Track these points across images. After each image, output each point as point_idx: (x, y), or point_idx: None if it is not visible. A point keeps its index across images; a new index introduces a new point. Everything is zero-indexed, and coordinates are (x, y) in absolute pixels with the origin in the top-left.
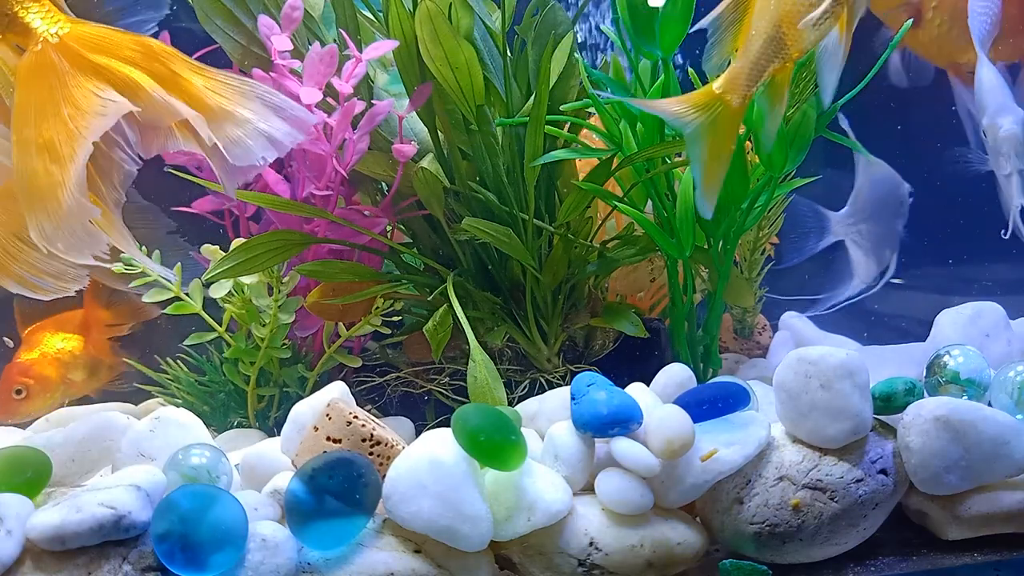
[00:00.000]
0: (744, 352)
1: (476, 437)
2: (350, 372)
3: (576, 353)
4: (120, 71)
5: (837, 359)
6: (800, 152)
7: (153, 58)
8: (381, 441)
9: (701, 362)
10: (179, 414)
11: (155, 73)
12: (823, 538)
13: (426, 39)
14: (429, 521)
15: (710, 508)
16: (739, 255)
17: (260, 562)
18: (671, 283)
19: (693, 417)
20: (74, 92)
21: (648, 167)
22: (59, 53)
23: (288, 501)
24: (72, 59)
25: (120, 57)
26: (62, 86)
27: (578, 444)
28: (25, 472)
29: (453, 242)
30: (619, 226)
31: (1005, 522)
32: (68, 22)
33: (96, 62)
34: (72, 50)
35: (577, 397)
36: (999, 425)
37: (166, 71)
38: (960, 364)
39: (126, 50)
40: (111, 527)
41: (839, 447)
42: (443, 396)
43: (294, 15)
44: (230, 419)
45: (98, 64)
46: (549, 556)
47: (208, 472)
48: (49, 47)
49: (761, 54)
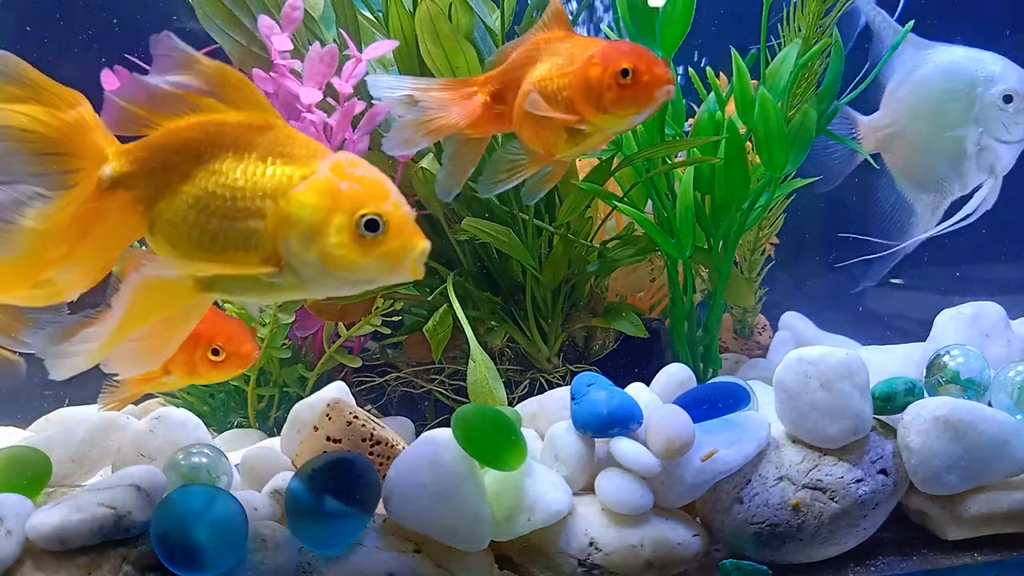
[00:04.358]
0: (744, 352)
1: (476, 437)
2: (350, 372)
3: (576, 353)
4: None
5: (837, 359)
6: (801, 152)
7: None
8: (381, 441)
9: (701, 362)
10: (179, 414)
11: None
12: (823, 538)
13: (426, 39)
14: (429, 521)
15: (710, 508)
16: (739, 255)
17: (260, 562)
18: (671, 283)
19: (693, 417)
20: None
21: (648, 167)
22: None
23: (288, 501)
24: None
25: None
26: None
27: (578, 444)
28: (25, 472)
29: (453, 242)
30: (619, 226)
31: (1005, 522)
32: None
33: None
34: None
35: (577, 397)
36: (999, 425)
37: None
38: (960, 364)
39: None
40: (111, 527)
41: (839, 447)
42: (443, 396)
43: (294, 15)
44: (230, 419)
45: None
46: (549, 556)
47: (208, 472)
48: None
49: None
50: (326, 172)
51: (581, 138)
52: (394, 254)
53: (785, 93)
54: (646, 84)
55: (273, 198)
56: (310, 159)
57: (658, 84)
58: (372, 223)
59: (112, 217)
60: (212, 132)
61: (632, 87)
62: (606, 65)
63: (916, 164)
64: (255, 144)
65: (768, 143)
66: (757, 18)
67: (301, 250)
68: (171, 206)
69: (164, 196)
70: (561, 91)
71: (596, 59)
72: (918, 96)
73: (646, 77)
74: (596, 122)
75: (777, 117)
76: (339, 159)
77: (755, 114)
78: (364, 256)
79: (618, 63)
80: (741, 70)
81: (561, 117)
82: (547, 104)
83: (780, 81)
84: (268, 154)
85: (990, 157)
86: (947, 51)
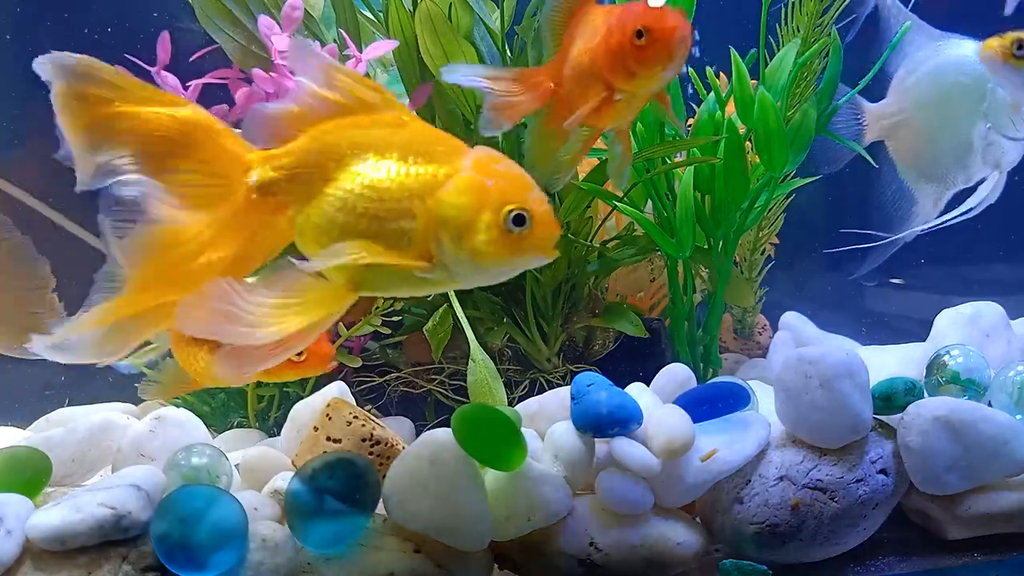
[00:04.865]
0: (744, 352)
1: (476, 437)
2: (350, 372)
3: (576, 353)
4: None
5: (837, 359)
6: (800, 152)
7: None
8: (381, 441)
9: (701, 362)
10: (179, 414)
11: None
12: (823, 538)
13: (426, 39)
14: (429, 521)
15: (710, 508)
16: (739, 255)
17: (260, 562)
18: (671, 283)
19: (693, 417)
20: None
21: (648, 167)
22: None
23: (288, 501)
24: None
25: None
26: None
27: (578, 444)
28: (25, 472)
29: None
30: (619, 226)
31: (1005, 522)
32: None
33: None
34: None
35: (577, 397)
36: (999, 425)
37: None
38: (960, 364)
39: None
40: (111, 527)
41: (839, 447)
42: (443, 396)
43: (294, 15)
44: (230, 419)
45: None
46: (549, 556)
47: (208, 472)
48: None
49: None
50: (470, 169)
51: (622, 106)
52: (539, 244)
53: (784, 93)
54: (663, 40)
55: (420, 198)
56: (450, 156)
57: (673, 37)
58: (519, 218)
59: (261, 224)
60: (351, 134)
61: (650, 46)
62: (621, 31)
63: (921, 154)
64: (393, 143)
65: (768, 143)
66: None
67: (453, 248)
68: (319, 210)
69: (310, 200)
70: (591, 65)
71: (612, 28)
72: (927, 87)
73: (660, 33)
74: (628, 88)
75: (776, 117)
76: (480, 155)
77: (755, 114)
78: (512, 249)
79: (632, 26)
80: (741, 70)
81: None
82: (584, 78)
83: (779, 81)
84: (408, 152)
85: (996, 152)
86: (959, 44)
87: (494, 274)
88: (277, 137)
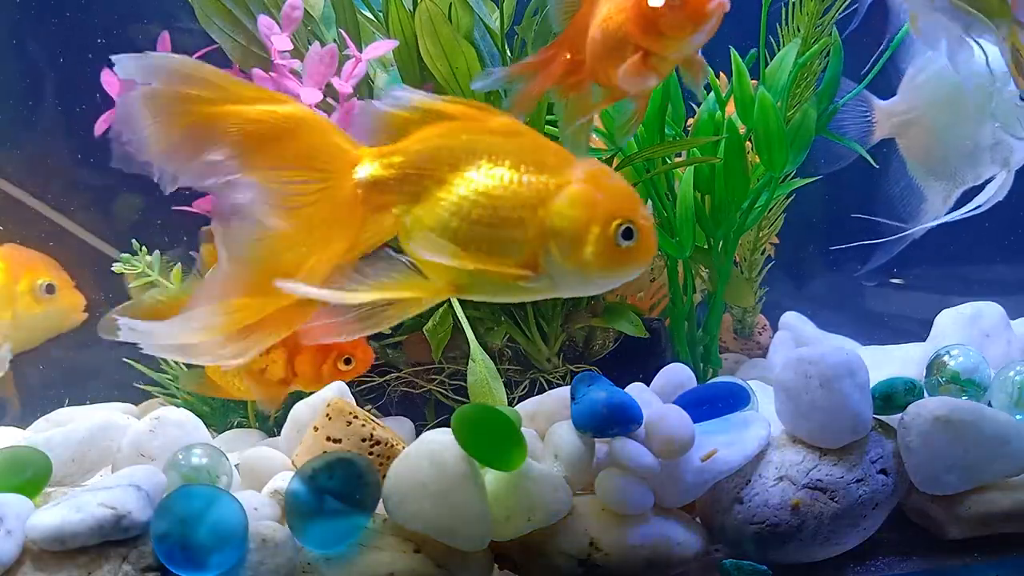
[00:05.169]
0: (744, 352)
1: (476, 437)
2: None
3: (576, 353)
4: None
5: (837, 359)
6: (800, 152)
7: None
8: (381, 441)
9: (701, 362)
10: (179, 414)
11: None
12: (823, 538)
13: (426, 39)
14: (429, 521)
15: (710, 508)
16: (739, 255)
17: (260, 562)
18: (671, 283)
19: (693, 417)
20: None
21: (648, 167)
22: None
23: (288, 501)
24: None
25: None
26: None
27: (578, 444)
28: (25, 472)
29: None
30: None
31: (1005, 522)
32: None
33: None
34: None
35: (577, 397)
36: (999, 425)
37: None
38: (960, 364)
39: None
40: (111, 527)
41: (839, 447)
42: (443, 396)
43: (294, 15)
44: (230, 419)
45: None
46: (549, 556)
47: (208, 472)
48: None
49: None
50: (582, 182)
51: (651, 70)
52: (643, 258)
53: (785, 93)
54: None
55: (532, 208)
56: (561, 167)
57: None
58: (628, 232)
59: (365, 220)
60: (465, 138)
61: (684, 6)
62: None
63: (931, 152)
64: (507, 151)
65: (768, 143)
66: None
67: (561, 258)
68: (431, 213)
69: (420, 202)
70: (621, 27)
71: None
72: (938, 85)
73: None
74: (659, 50)
75: (777, 117)
76: (591, 168)
77: (755, 114)
78: (618, 262)
79: None
80: (741, 70)
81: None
82: (610, 41)
83: (780, 81)
84: (521, 162)
85: (1004, 151)
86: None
87: (598, 285)
88: (383, 135)
